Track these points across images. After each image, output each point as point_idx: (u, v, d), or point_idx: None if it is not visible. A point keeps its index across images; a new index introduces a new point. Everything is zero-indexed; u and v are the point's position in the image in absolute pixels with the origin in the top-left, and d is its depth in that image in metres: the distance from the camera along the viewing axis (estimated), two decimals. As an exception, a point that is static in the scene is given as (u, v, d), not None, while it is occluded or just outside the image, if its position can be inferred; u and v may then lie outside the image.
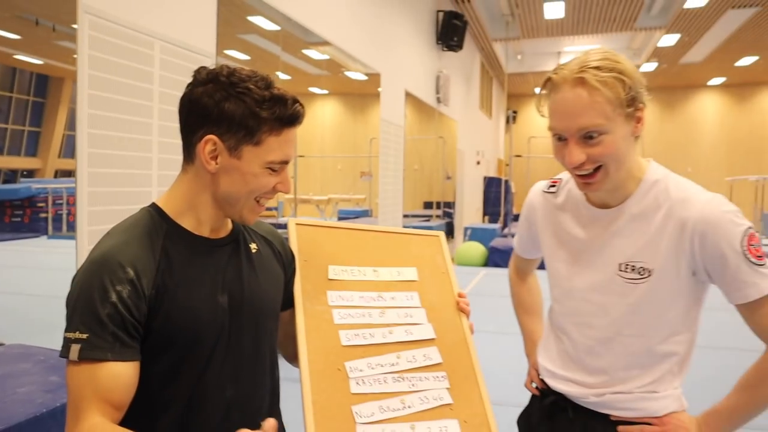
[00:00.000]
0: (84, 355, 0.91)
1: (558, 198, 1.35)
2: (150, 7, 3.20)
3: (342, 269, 1.27)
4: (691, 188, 1.19)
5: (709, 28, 11.84)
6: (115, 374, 0.92)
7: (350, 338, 1.18)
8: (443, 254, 1.42)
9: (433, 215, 10.84)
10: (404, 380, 1.17)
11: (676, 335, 1.22)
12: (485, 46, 13.58)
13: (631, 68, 1.12)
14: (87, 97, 2.77)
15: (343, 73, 6.57)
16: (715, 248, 1.13)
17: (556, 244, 1.34)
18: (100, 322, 0.92)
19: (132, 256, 0.97)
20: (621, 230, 1.22)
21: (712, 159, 18.77)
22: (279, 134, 1.01)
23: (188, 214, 1.06)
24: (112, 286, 0.94)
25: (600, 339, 1.25)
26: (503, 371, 4.12)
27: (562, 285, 1.33)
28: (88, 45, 2.78)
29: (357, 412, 1.09)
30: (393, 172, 7.83)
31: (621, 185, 1.20)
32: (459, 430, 1.15)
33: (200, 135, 1.01)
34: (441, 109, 10.31)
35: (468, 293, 7.19)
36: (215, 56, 3.79)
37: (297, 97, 1.04)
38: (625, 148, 1.14)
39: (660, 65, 15.63)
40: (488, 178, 15.66)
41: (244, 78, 1.00)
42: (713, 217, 1.13)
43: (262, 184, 1.03)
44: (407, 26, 8.29)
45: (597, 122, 1.10)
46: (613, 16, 11.20)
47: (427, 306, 1.30)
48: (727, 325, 5.24)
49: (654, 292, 1.18)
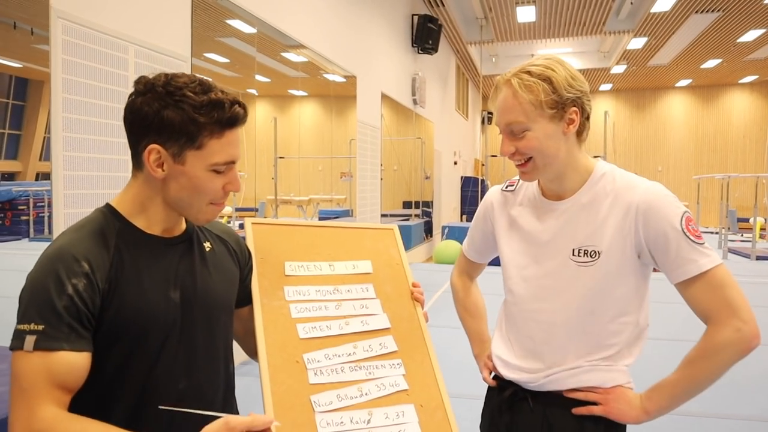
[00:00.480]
0: (39, 345, 0.92)
1: (516, 194, 1.44)
2: (124, 11, 3.26)
3: (298, 265, 1.30)
4: (634, 178, 1.29)
5: (674, 32, 12.22)
6: (70, 363, 0.94)
7: (307, 331, 1.20)
8: (397, 247, 1.47)
9: (412, 215, 11.00)
10: (361, 369, 1.20)
11: (624, 315, 1.28)
12: (460, 48, 13.83)
13: (564, 76, 1.23)
14: (61, 101, 2.82)
15: (322, 76, 6.72)
16: (658, 228, 1.20)
17: (512, 236, 1.41)
18: (57, 313, 0.94)
19: (86, 250, 0.99)
20: (573, 218, 1.30)
21: (680, 158, 19.28)
22: (220, 137, 1.03)
23: (140, 215, 1.08)
24: (68, 279, 0.95)
25: (553, 323, 1.31)
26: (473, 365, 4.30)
27: (517, 275, 1.38)
28: (61, 49, 2.83)
29: (315, 401, 1.11)
30: (370, 172, 8.00)
31: (567, 178, 1.30)
32: (415, 414, 1.19)
33: (144, 144, 1.02)
34: (417, 111, 10.52)
35: (446, 291, 7.34)
36: (190, 59, 3.85)
37: (237, 99, 1.06)
38: (553, 144, 1.25)
39: (629, 67, 16.04)
40: (465, 178, 15.91)
41: (181, 85, 1.01)
42: (655, 200, 1.22)
43: (210, 186, 1.05)
44: (382, 30, 8.46)
45: (518, 119, 1.24)
46: (582, 20, 11.52)
47: (383, 297, 1.34)
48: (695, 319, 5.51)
49: (603, 272, 1.25)
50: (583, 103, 1.26)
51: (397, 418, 1.17)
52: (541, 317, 1.33)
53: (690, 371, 1.22)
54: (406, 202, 10.95)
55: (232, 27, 4.77)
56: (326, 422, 1.10)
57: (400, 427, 1.16)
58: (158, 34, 3.54)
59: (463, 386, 3.90)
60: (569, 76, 1.24)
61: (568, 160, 1.29)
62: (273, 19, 5.14)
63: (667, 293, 1.84)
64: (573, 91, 1.24)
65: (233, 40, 4.89)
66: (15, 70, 2.95)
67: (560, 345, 1.31)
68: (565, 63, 1.27)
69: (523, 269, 1.37)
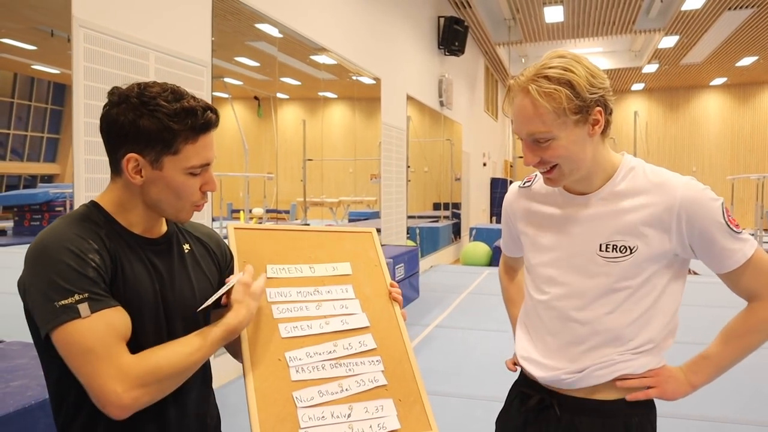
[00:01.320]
0: (95, 308, 0.98)
1: (534, 190, 1.39)
2: (145, 19, 3.36)
3: (280, 267, 1.34)
4: (667, 172, 1.25)
5: (707, 30, 11.98)
6: (121, 317, 1.02)
7: (289, 330, 1.24)
8: (375, 249, 1.49)
9: (441, 216, 11.02)
10: (341, 366, 1.24)
11: (654, 313, 1.25)
12: (488, 49, 13.79)
13: (585, 77, 1.16)
14: (83, 106, 2.94)
15: (351, 78, 6.80)
16: (704, 225, 1.19)
17: (533, 232, 1.37)
18: (92, 281, 0.99)
19: (88, 233, 1.05)
20: (600, 212, 1.25)
21: (715, 158, 18.84)
22: (195, 141, 1.08)
23: (122, 215, 1.12)
24: (85, 254, 1.00)
25: (578, 320, 1.27)
26: (495, 367, 4.30)
27: (539, 271, 1.35)
28: (83, 57, 2.94)
29: (297, 397, 1.16)
30: (396, 174, 8.05)
31: (593, 176, 1.26)
32: (394, 408, 1.23)
33: (122, 153, 1.07)
34: (444, 113, 10.54)
35: (471, 292, 7.35)
36: (210, 65, 3.95)
37: (209, 105, 1.10)
38: (579, 149, 1.20)
39: (661, 66, 15.76)
40: (494, 179, 15.84)
41: (154, 95, 1.05)
42: (697, 196, 1.20)
43: (188, 188, 1.10)
44: (408, 32, 8.51)
45: (541, 130, 1.17)
46: (611, 19, 11.39)
47: (362, 297, 1.37)
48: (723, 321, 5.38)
49: (634, 268, 1.22)
50: (606, 100, 1.20)
51: (376, 411, 1.21)
52: (566, 315, 1.29)
53: (736, 344, 1.26)
54: (436, 203, 10.97)
55: (260, 31, 4.88)
56: (308, 417, 1.15)
57: (380, 421, 1.20)
58: (179, 40, 3.64)
59: (480, 388, 3.93)
60: (589, 75, 1.17)
61: (595, 159, 1.24)
62: (296, 25, 5.24)
63: (689, 295, 1.79)
64: (595, 91, 1.17)
65: (262, 43, 5.00)
66: (53, 76, 3.07)
67: (586, 343, 1.27)
68: (582, 59, 1.19)
69: (546, 266, 1.34)
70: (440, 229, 10.46)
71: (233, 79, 4.84)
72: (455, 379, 4.15)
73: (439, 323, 5.83)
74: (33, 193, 3.16)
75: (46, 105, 3.07)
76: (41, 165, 3.13)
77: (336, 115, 7.07)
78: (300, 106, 6.33)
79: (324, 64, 6.13)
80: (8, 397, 1.88)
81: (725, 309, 1.66)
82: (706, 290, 5.87)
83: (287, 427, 1.12)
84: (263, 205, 5.48)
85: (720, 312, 2.44)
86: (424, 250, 9.38)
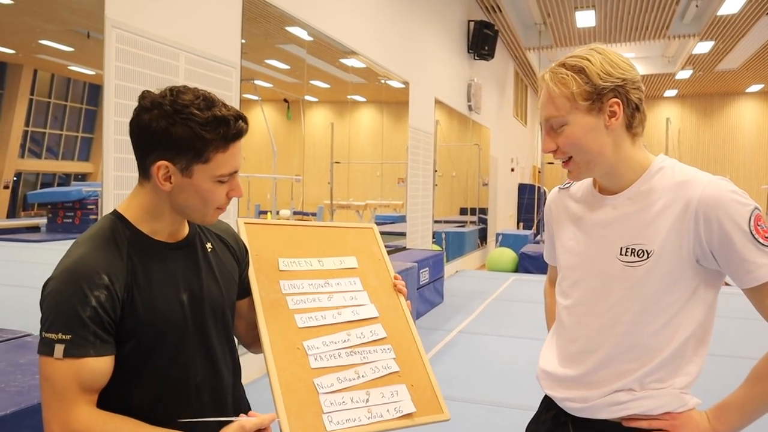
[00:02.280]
0: (69, 353, 1.00)
1: (573, 191, 1.37)
2: (176, 19, 3.42)
3: (291, 261, 1.41)
4: (696, 172, 1.18)
5: (744, 35, 11.73)
6: (96, 368, 1.03)
7: (305, 321, 1.31)
8: (378, 244, 1.57)
9: (467, 221, 10.97)
10: (356, 354, 1.31)
11: (676, 325, 1.17)
12: (518, 54, 13.70)
13: (599, 64, 1.15)
14: (113, 105, 3.01)
15: (380, 81, 6.81)
16: (722, 228, 1.09)
17: (566, 235, 1.34)
18: (83, 323, 1.01)
19: (104, 262, 1.05)
20: (623, 215, 1.21)
21: (751, 166, 18.41)
22: (225, 150, 1.10)
23: (148, 222, 1.14)
24: (90, 291, 1.02)
25: (598, 328, 1.23)
26: (517, 374, 4.27)
27: (568, 275, 1.32)
28: (114, 57, 3.01)
29: (318, 384, 1.22)
30: (422, 178, 8.03)
31: (620, 175, 1.22)
32: (407, 392, 1.30)
33: (152, 159, 1.08)
34: (473, 117, 10.49)
35: (495, 298, 7.33)
36: (239, 66, 4.00)
37: (239, 113, 1.12)
38: (592, 139, 1.17)
39: (696, 72, 15.47)
40: (522, 185, 15.71)
41: (187, 103, 1.06)
42: (718, 196, 1.10)
43: (216, 195, 1.12)
44: (437, 36, 8.50)
45: (553, 114, 1.18)
46: (645, 24, 11.22)
47: (369, 289, 1.45)
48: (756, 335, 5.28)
49: (652, 274, 1.16)
50: (627, 92, 1.16)
51: (392, 396, 1.28)
52: (585, 320, 1.25)
53: (762, 386, 1.12)
54: (463, 208, 10.93)
55: (290, 34, 4.92)
56: (330, 402, 1.20)
57: (396, 405, 1.27)
58: (209, 41, 3.69)
59: (501, 395, 3.87)
60: (606, 63, 1.15)
61: (618, 156, 1.19)
62: (327, 27, 5.27)
63: (726, 305, 1.69)
64: (611, 80, 1.14)
65: (292, 46, 5.05)
66: (89, 77, 3.14)
67: (603, 352, 1.22)
68: (607, 51, 1.17)
69: (573, 269, 1.30)
70: (466, 234, 10.41)
71: (263, 81, 4.89)
72: (477, 385, 4.12)
73: (462, 329, 5.79)
74: (66, 191, 3.23)
75: (81, 105, 3.13)
76: (75, 163, 3.20)
77: (364, 119, 7.10)
78: (328, 109, 6.37)
79: (353, 67, 6.15)
80: (34, 389, 1.92)
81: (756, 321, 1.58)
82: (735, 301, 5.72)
83: (312, 411, 1.18)
84: (290, 206, 5.52)
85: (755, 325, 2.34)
86: (450, 255, 9.35)
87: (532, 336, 5.42)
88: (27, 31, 2.89)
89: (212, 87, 3.64)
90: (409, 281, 5.40)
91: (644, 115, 1.20)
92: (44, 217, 3.14)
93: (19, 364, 2.20)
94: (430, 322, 6.02)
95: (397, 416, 1.25)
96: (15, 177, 2.91)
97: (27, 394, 1.88)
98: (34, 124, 2.96)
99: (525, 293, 7.62)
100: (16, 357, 2.29)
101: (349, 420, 1.19)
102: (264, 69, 4.87)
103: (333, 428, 1.17)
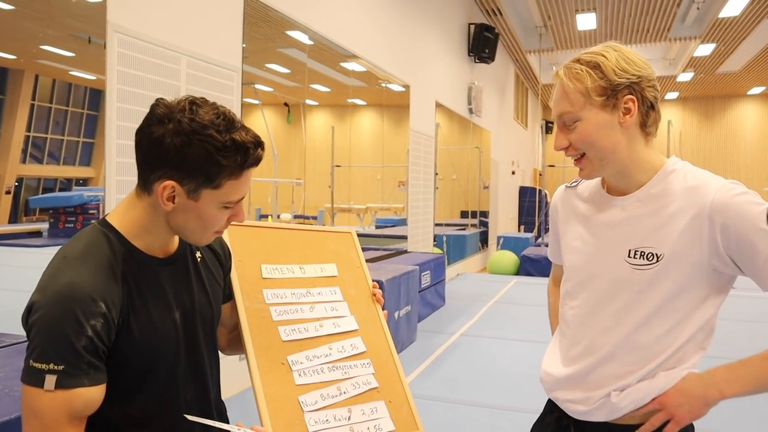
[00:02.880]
0: (61, 384, 0.94)
1: (580, 190, 1.35)
2: (178, 24, 3.42)
3: (273, 268, 1.40)
4: (708, 175, 1.16)
5: (745, 38, 11.72)
6: (89, 397, 0.97)
7: (288, 333, 1.31)
8: (356, 250, 1.57)
9: (468, 224, 10.97)
10: (338, 369, 1.31)
11: (682, 329, 1.16)
12: (519, 57, 13.71)
13: (615, 60, 1.14)
14: (116, 110, 3.00)
15: (381, 85, 6.83)
16: (741, 232, 1.07)
17: (570, 232, 1.32)
18: (77, 353, 0.94)
19: (100, 287, 0.98)
20: (633, 217, 1.19)
21: (752, 169, 18.39)
22: (239, 178, 1.03)
23: (142, 237, 1.07)
24: (86, 320, 0.95)
25: (602, 330, 1.21)
26: (519, 377, 4.27)
27: (573, 276, 1.30)
28: (116, 61, 3.00)
29: (303, 402, 1.22)
30: (423, 181, 8.03)
31: (631, 176, 1.20)
32: (386, 409, 1.31)
33: (159, 175, 1.00)
34: (474, 120, 10.50)
35: (497, 301, 7.31)
36: (241, 70, 4.01)
37: (258, 139, 1.04)
38: (605, 136, 1.15)
39: (697, 75, 15.46)
40: (523, 188, 15.71)
41: (207, 123, 0.98)
42: (729, 202, 1.09)
43: (218, 220, 1.06)
44: (438, 39, 8.51)
45: (567, 110, 1.17)
46: (646, 27, 11.23)
47: (349, 299, 1.45)
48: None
49: (661, 278, 1.14)
50: (642, 89, 1.15)
51: (372, 414, 1.29)
52: (590, 322, 1.24)
53: None
54: (464, 211, 10.93)
55: (291, 38, 4.93)
56: (314, 420, 1.21)
57: (376, 422, 1.28)
58: (210, 45, 3.70)
59: (505, 398, 3.86)
60: (622, 60, 1.14)
61: (631, 155, 1.17)
62: (328, 30, 5.28)
63: (730, 308, 1.64)
64: (626, 76, 1.13)
65: (293, 50, 5.06)
66: (90, 82, 3.15)
67: (604, 352, 1.21)
68: (622, 48, 1.16)
69: (579, 270, 1.28)
70: (467, 237, 10.41)
71: (264, 85, 4.90)
72: (480, 388, 4.11)
73: (464, 332, 5.79)
74: (68, 195, 3.23)
75: (82, 110, 3.14)
76: (77, 168, 3.20)
77: (365, 122, 7.10)
78: (329, 113, 6.37)
79: (353, 71, 6.16)
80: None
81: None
82: (744, 303, 5.73)
83: (297, 430, 1.19)
84: (291, 210, 5.53)
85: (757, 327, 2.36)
86: (451, 258, 9.34)
87: (534, 339, 5.41)
88: (28, 37, 2.90)
89: (214, 91, 3.64)
90: (411, 284, 5.39)
91: (659, 114, 1.19)
92: (46, 222, 3.14)
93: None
94: (431, 325, 6.01)
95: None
96: (17, 182, 2.92)
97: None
98: (35, 129, 2.97)
99: (527, 296, 7.60)
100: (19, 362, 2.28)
101: None
102: (264, 73, 4.89)
103: None
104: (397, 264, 5.77)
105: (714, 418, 1.24)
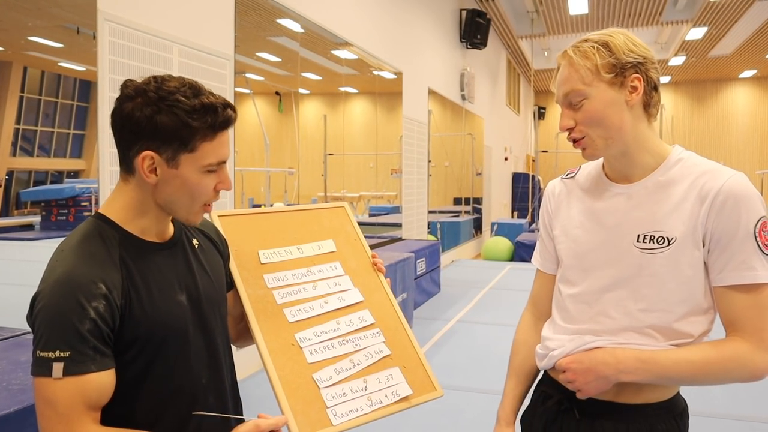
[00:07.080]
0: (69, 371, 0.93)
1: (577, 180, 1.35)
2: (169, 12, 3.39)
3: (270, 252, 1.39)
4: (718, 165, 1.19)
5: (736, 21, 11.72)
6: (100, 383, 0.97)
7: (294, 314, 1.31)
8: (351, 223, 1.56)
9: (462, 211, 10.98)
10: (348, 342, 1.31)
11: (697, 314, 1.16)
12: (511, 43, 13.67)
13: (623, 41, 1.17)
14: (108, 100, 2.98)
15: (372, 73, 6.79)
16: (730, 222, 1.10)
17: (570, 222, 1.31)
18: (82, 338, 0.94)
19: (99, 270, 0.99)
20: (642, 203, 1.19)
21: (744, 152, 18.47)
22: (213, 139, 1.04)
23: (134, 222, 1.08)
24: (88, 303, 0.95)
25: (609, 314, 1.21)
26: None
27: (575, 264, 1.28)
28: (108, 50, 2.98)
29: (318, 379, 1.22)
30: (417, 168, 8.03)
31: (637, 158, 1.20)
32: (402, 375, 1.31)
33: (136, 150, 1.03)
34: (466, 106, 10.48)
35: (492, 287, 7.34)
36: (233, 58, 3.99)
37: (227, 101, 1.07)
38: (613, 113, 1.16)
39: (689, 59, 15.47)
40: (516, 174, 15.74)
41: (173, 90, 1.01)
42: (740, 192, 1.11)
43: (203, 187, 1.06)
44: (429, 26, 8.48)
45: (575, 88, 1.17)
46: (638, 11, 11.21)
47: (350, 272, 1.45)
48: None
49: (673, 262, 1.14)
50: (647, 69, 1.17)
51: (387, 381, 1.29)
52: (596, 307, 1.22)
53: (697, 369, 1.12)
54: (457, 198, 10.93)
55: (282, 26, 4.89)
56: (331, 395, 1.21)
57: (393, 389, 1.28)
58: (202, 33, 3.67)
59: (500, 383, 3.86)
60: (629, 41, 1.17)
61: (635, 136, 1.18)
62: (320, 18, 5.25)
63: None
64: (633, 56, 1.15)
65: (284, 39, 5.02)
66: (79, 73, 3.12)
67: (612, 336, 1.20)
68: (627, 32, 1.19)
69: (582, 258, 1.26)
70: (461, 224, 10.43)
71: (255, 74, 4.87)
72: (477, 374, 4.14)
73: (460, 318, 5.82)
74: (60, 188, 3.21)
75: (72, 102, 3.11)
76: (67, 161, 3.18)
77: (357, 110, 7.08)
78: (321, 101, 6.34)
79: (345, 59, 6.13)
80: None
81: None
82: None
83: (316, 407, 1.18)
84: (284, 199, 5.51)
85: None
86: (446, 245, 9.36)
87: (529, 324, 5.43)
88: (16, 28, 2.86)
89: (206, 79, 3.58)
90: (406, 271, 5.41)
91: (660, 97, 1.21)
92: (38, 215, 3.12)
93: (20, 362, 2.20)
94: (427, 312, 6.04)
95: (396, 400, 1.27)
96: (7, 175, 2.89)
97: (29, 392, 1.88)
98: (25, 121, 2.94)
99: (521, 282, 7.64)
100: (16, 355, 2.29)
101: (352, 411, 1.20)
102: (256, 62, 4.85)
103: (339, 422, 1.18)
104: (392, 251, 5.78)
105: (709, 398, 1.25)
